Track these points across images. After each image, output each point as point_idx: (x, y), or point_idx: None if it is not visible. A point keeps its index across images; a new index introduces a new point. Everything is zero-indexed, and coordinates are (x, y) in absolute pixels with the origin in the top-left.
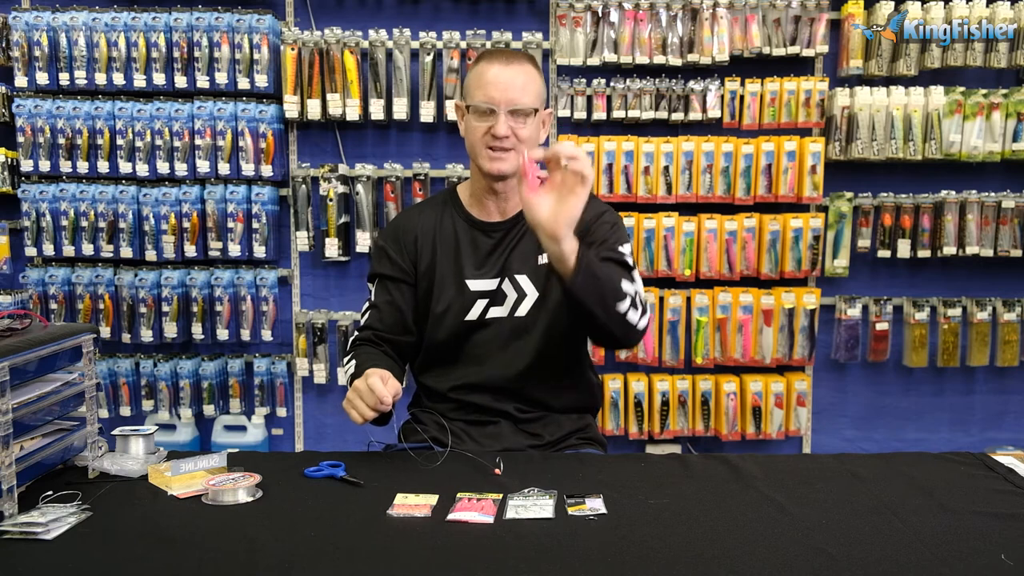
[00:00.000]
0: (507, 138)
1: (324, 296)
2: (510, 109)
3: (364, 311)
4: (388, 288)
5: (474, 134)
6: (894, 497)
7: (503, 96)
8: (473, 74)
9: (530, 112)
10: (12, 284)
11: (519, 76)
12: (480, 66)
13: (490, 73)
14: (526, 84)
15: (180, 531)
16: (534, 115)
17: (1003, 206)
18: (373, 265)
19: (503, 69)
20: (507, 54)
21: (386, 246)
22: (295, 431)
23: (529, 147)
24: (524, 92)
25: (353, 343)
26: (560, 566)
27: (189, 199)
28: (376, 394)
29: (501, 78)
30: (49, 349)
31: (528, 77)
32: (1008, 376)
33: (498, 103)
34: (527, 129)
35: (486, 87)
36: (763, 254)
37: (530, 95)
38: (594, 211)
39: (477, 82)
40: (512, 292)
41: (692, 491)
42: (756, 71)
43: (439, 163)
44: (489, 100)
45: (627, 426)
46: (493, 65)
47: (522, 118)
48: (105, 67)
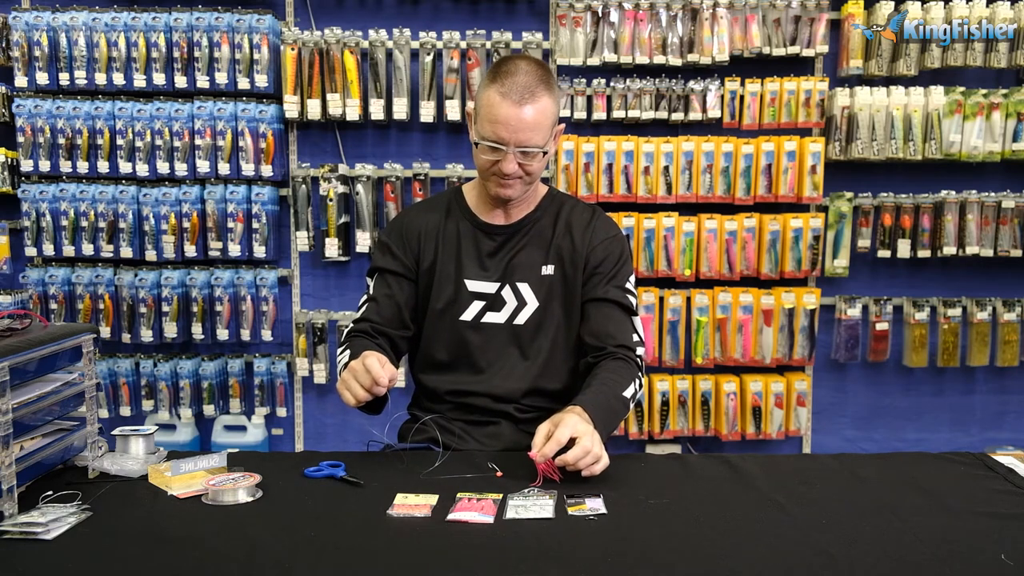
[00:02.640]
0: (514, 173)
1: (324, 296)
2: (520, 149)
3: (361, 304)
4: (388, 282)
5: (482, 163)
6: (894, 497)
7: (513, 137)
8: (485, 99)
9: (539, 153)
10: (12, 284)
11: (532, 113)
12: (493, 95)
13: (501, 112)
14: (538, 123)
15: (180, 531)
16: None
17: (1003, 206)
18: (374, 259)
19: (514, 110)
20: (519, 88)
21: (389, 242)
22: (295, 431)
23: (537, 177)
24: (535, 132)
25: (348, 334)
26: (560, 566)
27: (189, 199)
28: (372, 375)
29: (512, 119)
30: (49, 349)
31: (541, 115)
32: (1008, 376)
33: (507, 143)
34: (536, 164)
35: (496, 125)
36: (763, 254)
37: (541, 134)
38: (605, 235)
39: (487, 113)
40: (512, 299)
41: (692, 491)
42: (756, 71)
43: (439, 163)
44: (499, 139)
45: (627, 426)
46: (505, 103)
47: (531, 156)
48: (105, 67)
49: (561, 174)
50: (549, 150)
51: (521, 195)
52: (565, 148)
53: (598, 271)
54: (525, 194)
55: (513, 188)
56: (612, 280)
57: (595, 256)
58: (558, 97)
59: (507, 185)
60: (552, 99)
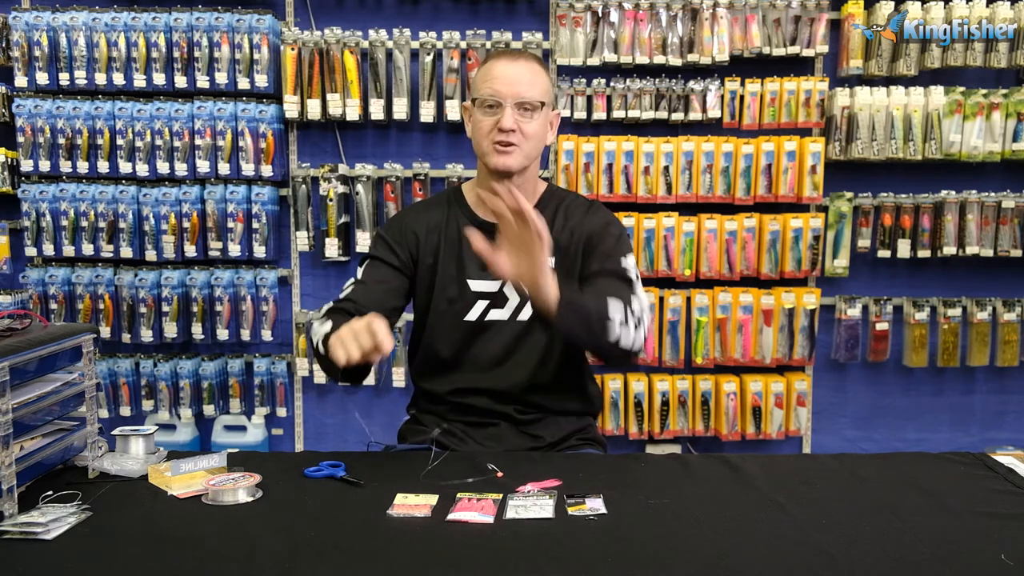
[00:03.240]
0: (513, 132)
1: (324, 296)
2: (516, 102)
3: (347, 286)
4: (379, 269)
5: (480, 130)
6: (894, 497)
7: (509, 90)
8: (480, 72)
9: (536, 106)
10: (12, 284)
11: (525, 71)
12: (487, 64)
13: (497, 68)
14: (533, 79)
15: (180, 531)
16: (540, 109)
17: (1003, 206)
18: (370, 250)
19: (510, 64)
20: (513, 52)
21: (386, 236)
22: (295, 431)
23: (535, 145)
24: (531, 86)
25: (329, 310)
26: (560, 566)
27: (189, 199)
28: (377, 338)
29: (508, 72)
30: (49, 349)
31: (534, 73)
32: (1008, 376)
33: (504, 96)
34: (533, 124)
35: (492, 81)
36: (763, 254)
37: (536, 89)
38: (601, 220)
39: (484, 77)
40: (514, 296)
41: (692, 491)
42: (756, 71)
43: (439, 163)
44: (495, 93)
45: (627, 426)
46: (500, 61)
47: (528, 112)
48: (105, 67)
49: (561, 174)
50: (543, 117)
51: (520, 166)
52: (565, 148)
53: (594, 253)
54: (523, 173)
55: (512, 155)
56: (608, 257)
57: (591, 241)
58: (551, 82)
59: (506, 151)
60: (545, 71)
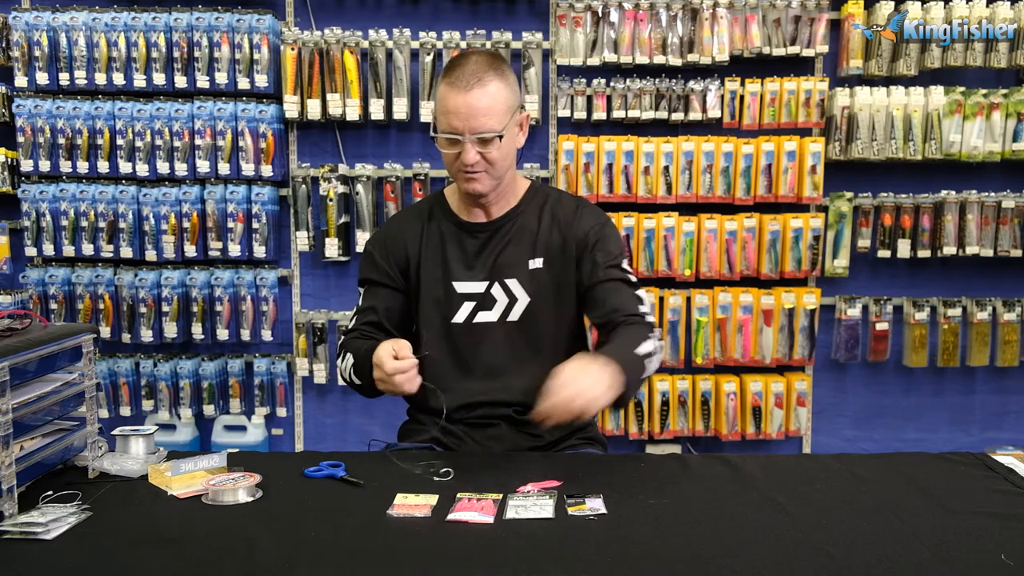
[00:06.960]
0: (476, 164)
1: (324, 296)
2: (475, 136)
3: (353, 315)
4: (378, 293)
5: (446, 158)
6: (894, 497)
7: (466, 124)
8: (439, 95)
9: (497, 134)
10: (12, 284)
11: (481, 99)
12: (442, 89)
13: (450, 101)
14: (489, 107)
15: (180, 531)
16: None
17: (1003, 206)
18: (361, 270)
19: (462, 96)
20: (466, 76)
21: (373, 251)
22: (295, 431)
23: (504, 165)
24: (488, 117)
25: (343, 344)
26: (560, 566)
27: (189, 199)
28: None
29: (461, 107)
30: (49, 349)
31: (490, 98)
32: (1008, 376)
33: (461, 131)
34: (497, 151)
35: (448, 116)
36: (763, 254)
37: (494, 117)
38: (595, 220)
39: (441, 107)
40: (503, 296)
41: (692, 491)
42: (756, 71)
43: (439, 163)
44: (453, 130)
45: (627, 426)
46: (452, 92)
47: (488, 142)
48: (105, 67)
49: (561, 174)
50: (508, 135)
51: (491, 188)
52: (565, 148)
53: (593, 257)
54: (497, 188)
55: (479, 181)
56: (609, 262)
57: (587, 244)
58: (513, 83)
59: (473, 178)
60: (503, 84)
